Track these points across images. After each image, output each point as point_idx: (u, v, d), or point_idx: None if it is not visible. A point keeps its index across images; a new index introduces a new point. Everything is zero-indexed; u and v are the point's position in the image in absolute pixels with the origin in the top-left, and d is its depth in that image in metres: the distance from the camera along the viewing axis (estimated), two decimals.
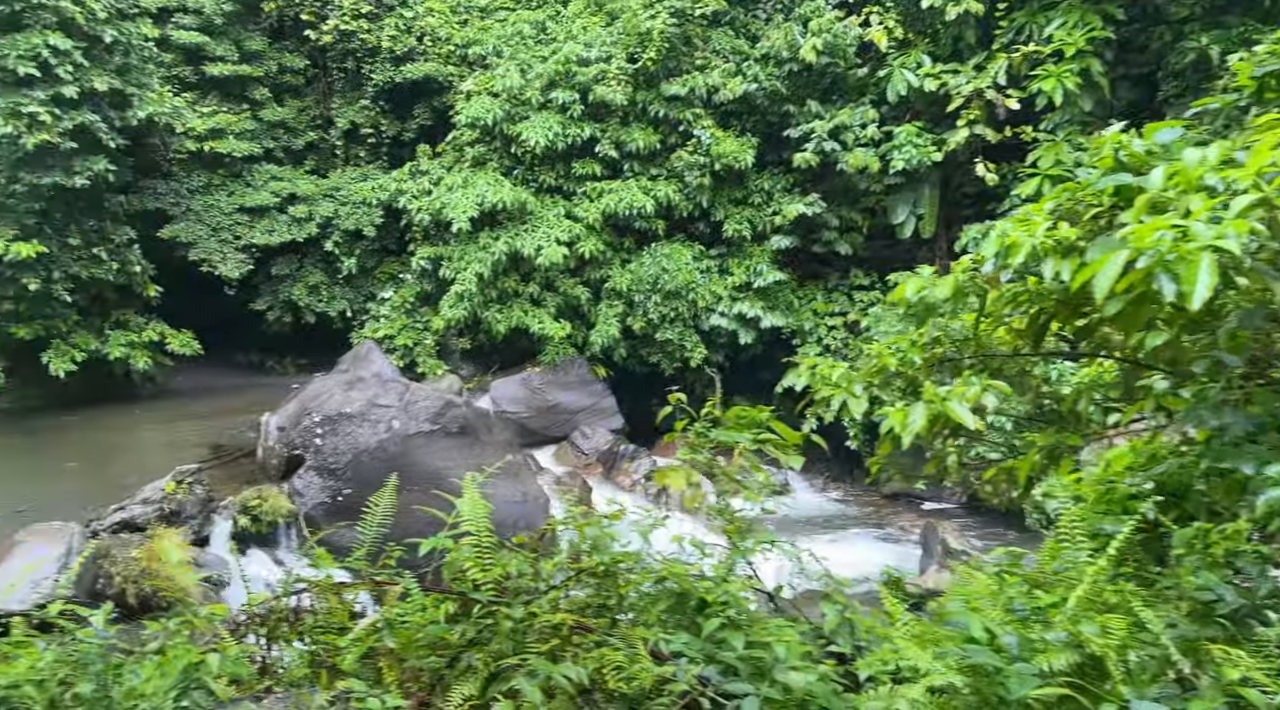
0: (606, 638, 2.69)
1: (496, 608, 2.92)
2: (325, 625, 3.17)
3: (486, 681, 2.79)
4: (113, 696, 2.60)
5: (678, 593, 2.85)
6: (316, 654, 3.12)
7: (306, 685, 2.96)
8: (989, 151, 17.43)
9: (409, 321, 18.99)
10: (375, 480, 11.13)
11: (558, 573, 3.16)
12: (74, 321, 17.08)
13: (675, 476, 3.73)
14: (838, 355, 17.91)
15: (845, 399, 5.44)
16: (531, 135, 17.62)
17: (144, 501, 9.02)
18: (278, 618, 3.21)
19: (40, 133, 14.90)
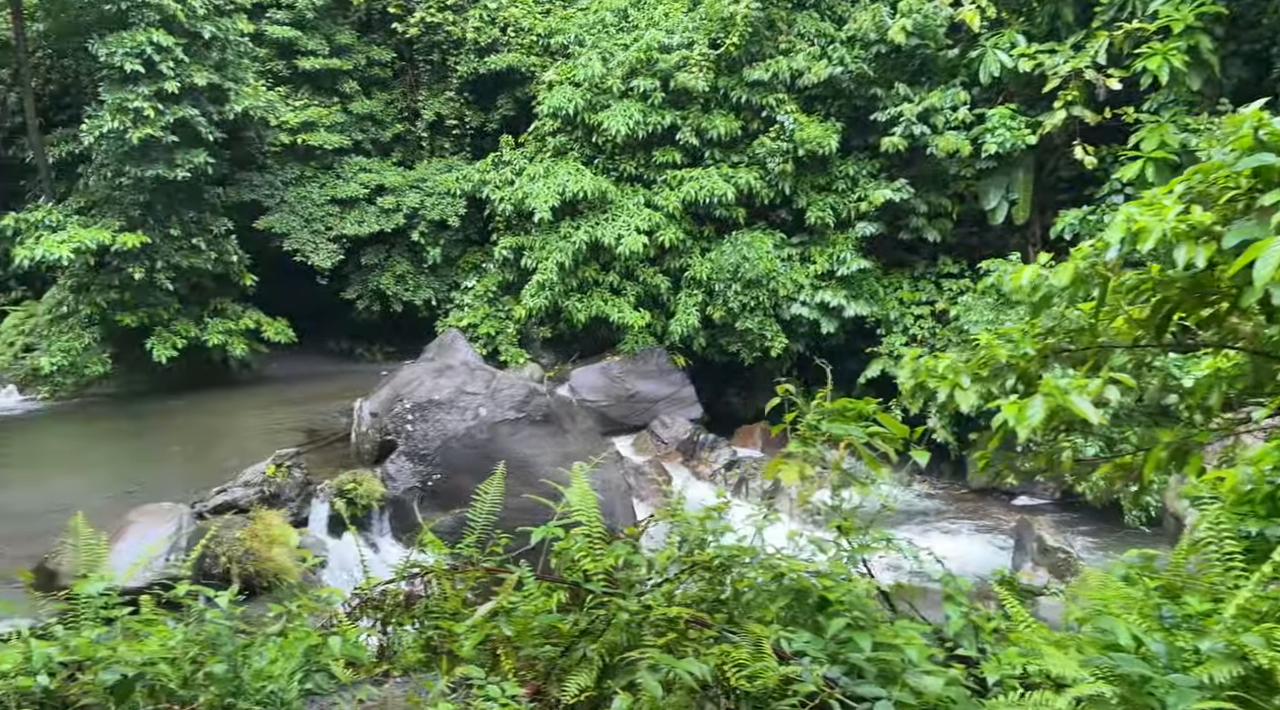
0: (726, 634, 2.63)
1: (610, 599, 2.89)
2: (440, 611, 3.19)
3: (601, 672, 2.77)
4: (243, 678, 2.66)
5: (796, 590, 2.78)
6: (431, 639, 3.15)
7: (423, 670, 2.98)
8: (1087, 134, 16.73)
9: (491, 310, 19.23)
10: (463, 466, 11.35)
11: (670, 565, 3.11)
12: (175, 309, 17.81)
13: (788, 470, 3.64)
14: (925, 345, 17.49)
15: (952, 391, 5.26)
16: (612, 124, 17.62)
17: (245, 484, 9.34)
18: (393, 603, 3.25)
19: (144, 127, 15.52)
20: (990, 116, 16.75)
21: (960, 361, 5.34)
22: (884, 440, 4.13)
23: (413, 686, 2.88)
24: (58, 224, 16.27)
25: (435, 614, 3.28)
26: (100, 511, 9.81)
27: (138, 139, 15.53)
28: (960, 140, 16.51)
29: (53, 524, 9.23)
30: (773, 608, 2.73)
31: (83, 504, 10.44)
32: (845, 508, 3.44)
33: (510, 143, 19.74)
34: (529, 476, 11.68)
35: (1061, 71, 16.24)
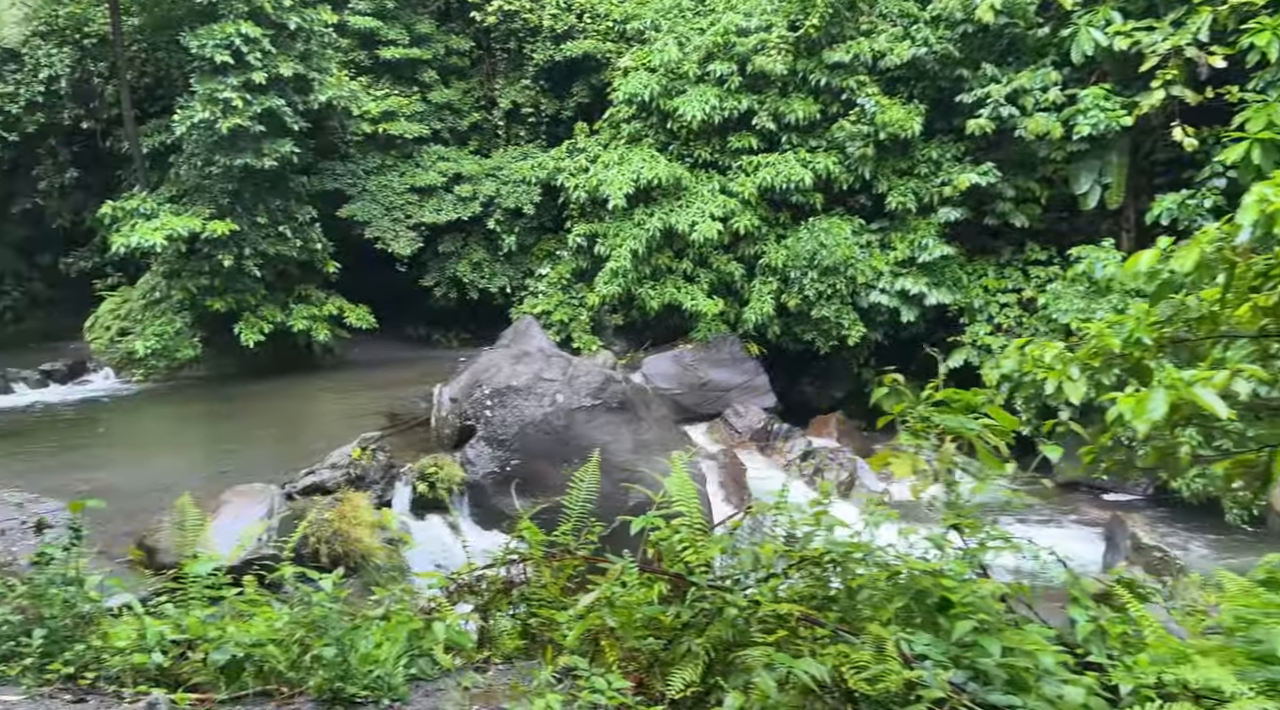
0: (841, 634, 2.52)
1: (714, 593, 2.80)
2: (538, 598, 3.14)
3: (706, 667, 2.69)
4: (350, 662, 2.66)
5: (915, 590, 2.65)
6: (529, 626, 3.11)
7: (523, 658, 2.95)
8: (1186, 114, 15.93)
9: (565, 297, 19.30)
10: (541, 452, 11.40)
11: (776, 560, 3.01)
12: (262, 295, 18.31)
13: (900, 463, 3.50)
14: (1010, 334, 16.93)
15: (1060, 383, 5.02)
16: (688, 109, 17.45)
17: (332, 466, 9.54)
18: (495, 590, 3.22)
19: (233, 117, 15.95)
20: (1083, 97, 16.07)
21: (1068, 351, 5.08)
22: (995, 433, 3.96)
23: (515, 674, 2.85)
24: (151, 212, 16.86)
25: (534, 601, 3.24)
26: (195, 491, 10.15)
27: (227, 129, 15.97)
28: (1051, 122, 15.89)
29: (151, 502, 9.58)
30: (890, 608, 2.61)
31: (178, 483, 10.83)
32: (957, 503, 3.28)
33: (585, 130, 19.73)
34: (605, 464, 11.65)
35: (1160, 49, 15.49)
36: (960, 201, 16.97)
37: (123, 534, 8.36)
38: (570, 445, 11.29)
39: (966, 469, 3.46)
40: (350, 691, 2.60)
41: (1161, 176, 17.09)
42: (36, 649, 3.02)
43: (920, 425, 3.60)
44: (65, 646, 3.03)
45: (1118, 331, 5.06)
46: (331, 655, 2.62)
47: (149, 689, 2.75)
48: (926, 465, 3.50)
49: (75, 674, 2.90)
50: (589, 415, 11.37)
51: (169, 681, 2.83)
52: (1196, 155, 16.01)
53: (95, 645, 2.95)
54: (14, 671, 2.95)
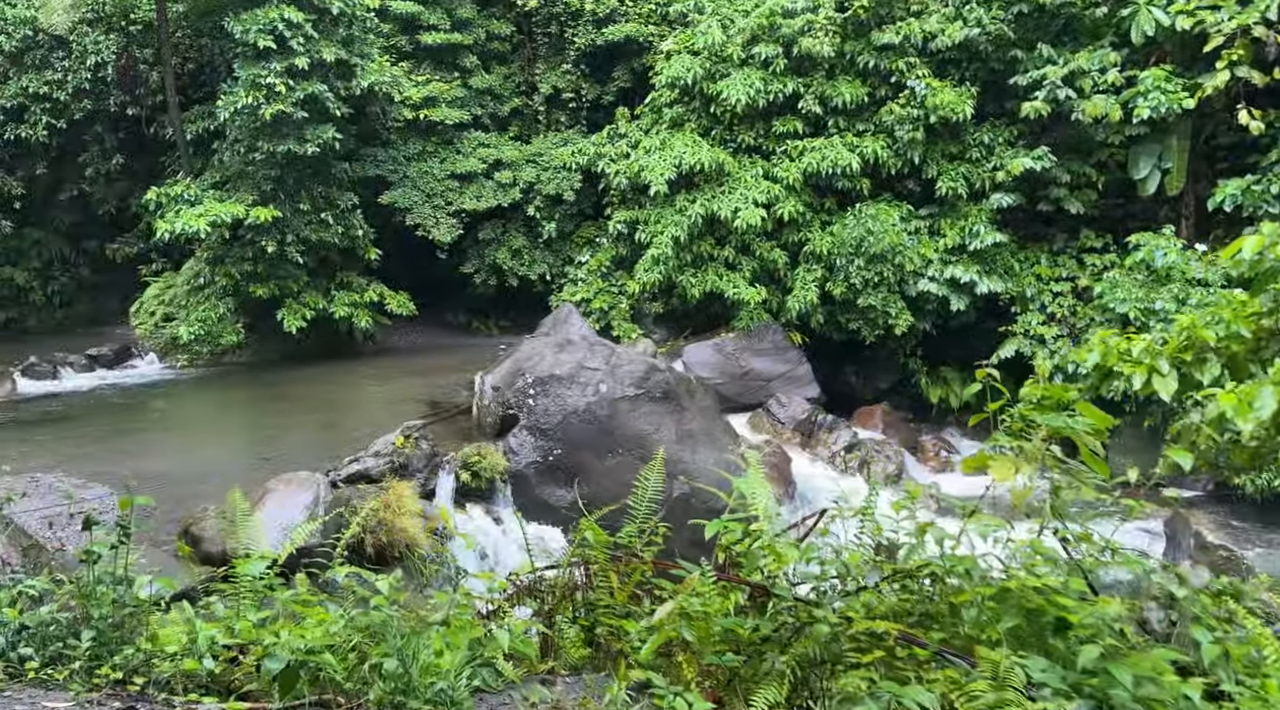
0: (950, 657, 2.30)
1: (799, 606, 2.59)
2: (605, 605, 2.95)
3: (793, 687, 2.47)
4: (411, 673, 2.49)
5: (1027, 609, 2.41)
6: (596, 635, 2.92)
7: (589, 669, 2.75)
8: (1251, 97, 15.31)
9: (604, 285, 19.11)
10: (584, 442, 11.23)
11: (868, 571, 2.78)
12: (304, 282, 18.36)
13: (1001, 466, 3.25)
14: (1064, 325, 16.46)
15: (1149, 377, 4.71)
16: (732, 93, 17.12)
17: (375, 454, 9.45)
18: (560, 594, 3.03)
19: (276, 103, 15.93)
20: (1143, 79, 15.50)
21: (1157, 344, 4.77)
22: (1092, 433, 3.69)
23: (584, 689, 2.66)
24: (195, 198, 16.94)
25: (601, 609, 3.05)
26: (239, 478, 10.13)
27: (270, 115, 15.95)
28: (1110, 104, 15.35)
29: (196, 489, 9.57)
30: (997, 628, 2.38)
31: (222, 470, 10.83)
32: (1062, 510, 3.03)
33: (626, 115, 19.48)
34: (649, 455, 11.46)
35: (1225, 29, 14.88)
36: (1013, 187, 16.49)
37: (169, 522, 8.33)
38: (613, 435, 11.12)
39: (1066, 471, 3.20)
40: (412, 706, 2.43)
41: (1223, 162, 16.48)
42: (84, 651, 2.91)
43: (1019, 424, 3.33)
44: (114, 649, 2.91)
45: (1212, 323, 4.75)
46: (393, 668, 2.45)
47: (200, 698, 2.61)
48: (1027, 467, 3.24)
49: (124, 679, 2.77)
50: (632, 405, 11.19)
51: (220, 689, 2.70)
52: (1261, 139, 15.40)
53: (145, 648, 2.82)
54: (61, 675, 2.84)
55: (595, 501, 11.83)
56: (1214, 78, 15.00)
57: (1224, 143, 16.47)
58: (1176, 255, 14.63)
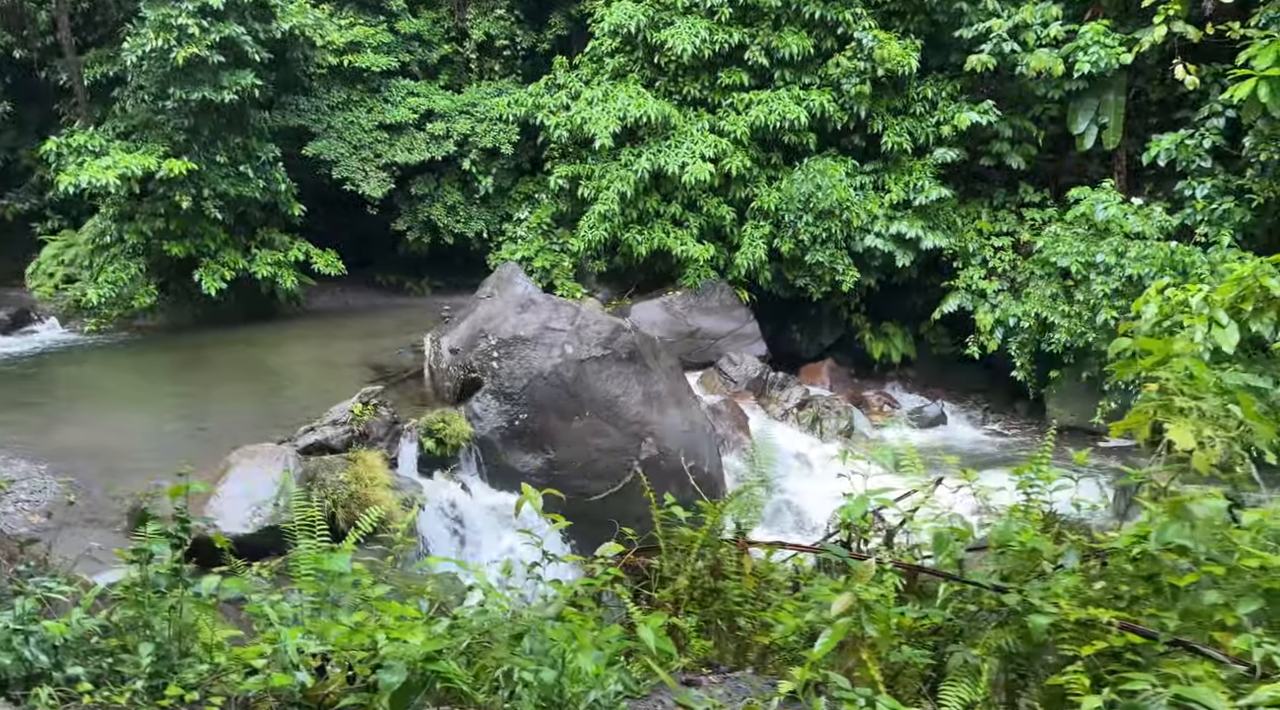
0: (1203, 649, 2.03)
1: (987, 593, 2.28)
2: (741, 595, 2.59)
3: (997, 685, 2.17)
4: (564, 684, 2.09)
5: (1266, 590, 2.14)
6: (719, 626, 2.56)
7: (727, 665, 2.40)
8: (1184, 53, 15.63)
9: (545, 243, 18.50)
10: (550, 405, 10.78)
11: (1066, 553, 2.47)
12: (222, 240, 17.19)
13: (1179, 429, 3.00)
14: (1004, 279, 16.71)
15: (1209, 327, 4.57)
16: (677, 42, 16.60)
17: (334, 423, 8.83)
18: (700, 585, 2.65)
19: (189, 46, 14.69)
20: (1083, 33, 15.66)
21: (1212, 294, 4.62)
22: None
23: (738, 690, 2.31)
24: (100, 149, 15.57)
25: (732, 598, 2.69)
26: (176, 451, 9.37)
27: (182, 59, 14.71)
28: (1053, 59, 15.45)
29: (132, 463, 8.79)
30: (1235, 612, 2.11)
31: (155, 443, 9.98)
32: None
33: (564, 64, 18.74)
34: (615, 416, 11.14)
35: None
36: (956, 141, 16.55)
37: (112, 499, 7.60)
38: (580, 398, 10.73)
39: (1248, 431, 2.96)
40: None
41: (1153, 117, 16.87)
42: (145, 669, 2.40)
43: (1182, 385, 3.07)
44: (179, 664, 2.42)
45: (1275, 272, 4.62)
46: (550, 678, 2.03)
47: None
48: (1215, 430, 2.99)
49: (201, 700, 2.30)
50: (599, 366, 10.80)
51: (311, 705, 2.25)
52: (1191, 95, 15.77)
53: (219, 661, 2.35)
54: (122, 698, 2.33)
55: (563, 466, 11.45)
56: (1151, 33, 15.23)
57: (1154, 98, 16.84)
58: (1117, 209, 14.92)
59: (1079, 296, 15.02)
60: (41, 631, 2.41)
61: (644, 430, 11.09)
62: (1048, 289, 15.43)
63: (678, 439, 11.28)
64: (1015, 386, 16.85)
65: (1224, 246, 14.14)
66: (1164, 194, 16.02)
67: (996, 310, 16.16)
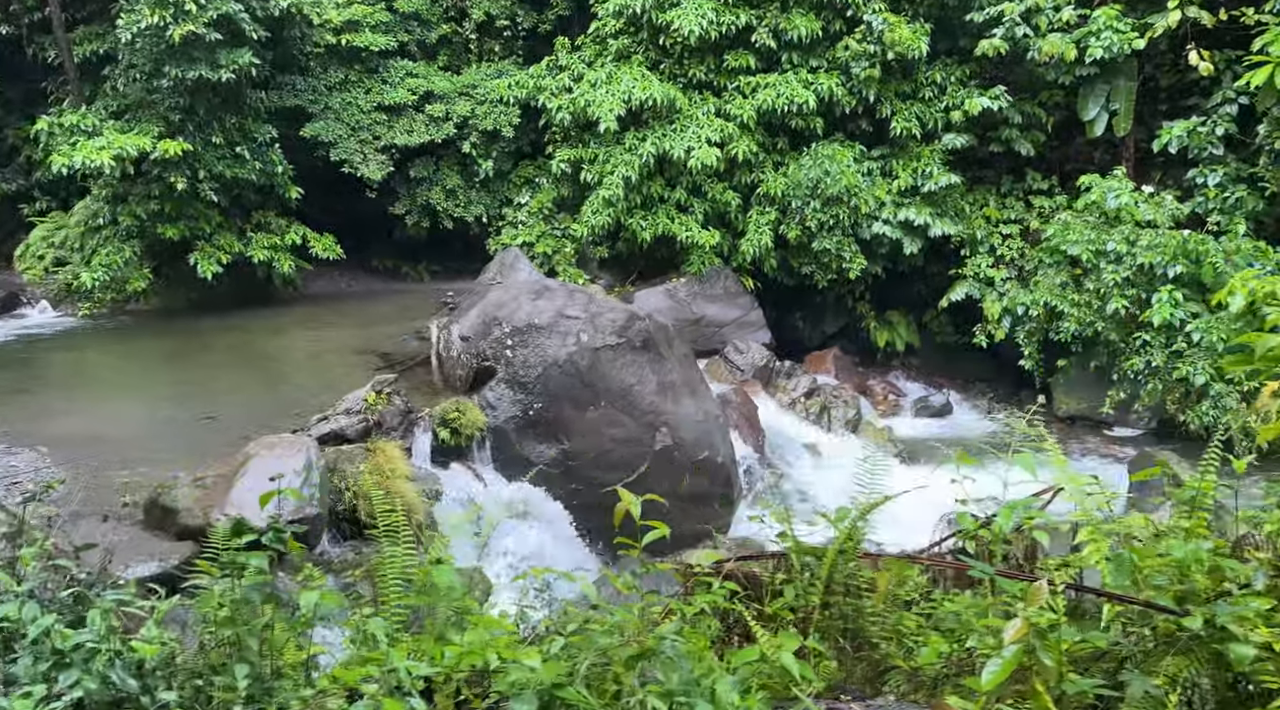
0: None
1: (1162, 616, 2.09)
2: (876, 614, 2.39)
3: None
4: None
5: None
6: (859, 648, 2.36)
7: (858, 689, 2.21)
8: (1195, 38, 15.49)
9: (547, 228, 18.20)
10: (565, 394, 10.55)
11: (1255, 573, 2.28)
12: (217, 223, 16.81)
13: None
14: (1012, 267, 16.58)
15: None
16: (684, 23, 16.30)
17: (347, 412, 8.58)
18: (823, 603, 2.45)
19: (186, 23, 14.28)
20: (1095, 18, 15.48)
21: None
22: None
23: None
24: (93, 129, 15.14)
25: (867, 616, 2.49)
26: (186, 440, 9.10)
27: (179, 36, 14.29)
28: (1065, 43, 15.27)
29: (139, 453, 8.51)
30: None
31: (162, 432, 9.69)
32: None
33: (566, 45, 18.40)
34: (630, 406, 10.93)
35: None
36: (965, 127, 16.36)
37: (121, 490, 7.33)
38: (594, 387, 10.52)
39: None
40: None
41: (1162, 104, 16.74)
42: (242, 694, 2.18)
43: None
44: (275, 687, 2.20)
45: None
46: None
47: None
48: None
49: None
50: (614, 355, 10.58)
51: None
52: (1201, 82, 15.65)
53: (322, 686, 2.13)
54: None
55: (578, 456, 11.23)
56: (1165, 18, 15.08)
57: (1164, 85, 16.70)
58: (1128, 197, 14.80)
59: (1089, 285, 14.91)
60: (127, 652, 2.19)
61: (658, 420, 10.89)
62: (1057, 277, 15.31)
63: (692, 429, 11.10)
64: (1021, 375, 16.76)
65: (1238, 235, 14.05)
66: (1173, 182, 15.93)
67: (1004, 299, 16.03)
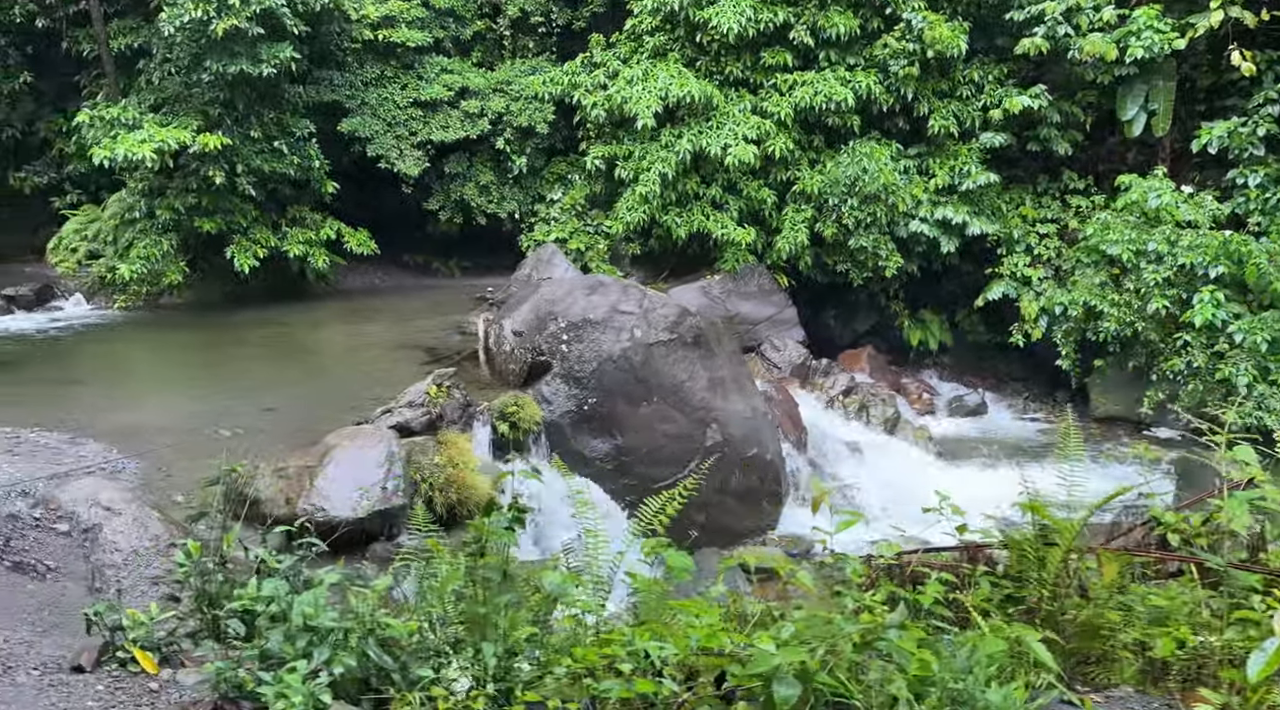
0: None
1: None
2: (1098, 603, 2.38)
3: None
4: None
5: None
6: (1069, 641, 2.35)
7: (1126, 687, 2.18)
8: (1239, 38, 15.44)
9: (580, 225, 18.21)
10: (619, 390, 10.56)
11: None
12: (253, 217, 16.85)
13: None
14: (1049, 266, 16.55)
15: None
16: (722, 21, 16.28)
17: (410, 404, 8.59)
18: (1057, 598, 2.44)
19: (230, 17, 14.31)
20: (1135, 17, 15.44)
21: None
22: None
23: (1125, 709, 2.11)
24: (133, 122, 15.18)
25: (1094, 606, 2.47)
26: (251, 430, 9.11)
27: (222, 30, 14.32)
28: (1106, 43, 15.23)
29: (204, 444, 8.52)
30: None
31: (219, 424, 9.71)
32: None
33: (601, 42, 18.39)
34: (682, 402, 10.93)
35: None
36: (1003, 126, 16.32)
37: (193, 481, 7.35)
38: (648, 383, 10.53)
39: None
40: None
41: (1200, 104, 16.69)
42: (491, 671, 2.16)
43: None
44: (514, 666, 2.19)
45: None
46: (994, 701, 1.81)
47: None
48: None
49: (561, 706, 2.08)
50: (666, 350, 10.59)
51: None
52: (1240, 82, 15.60)
53: (569, 665, 2.13)
54: (478, 705, 2.10)
55: (630, 452, 11.22)
56: (1207, 17, 15.03)
57: (1202, 85, 16.65)
58: (1170, 196, 14.76)
59: (1128, 285, 14.88)
60: (378, 629, 2.19)
61: (709, 416, 10.90)
62: (1096, 277, 15.28)
63: (741, 425, 11.10)
64: (1055, 375, 16.74)
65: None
66: (1212, 182, 15.89)
67: (1041, 298, 16.00)
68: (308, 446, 7.13)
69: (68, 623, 4.17)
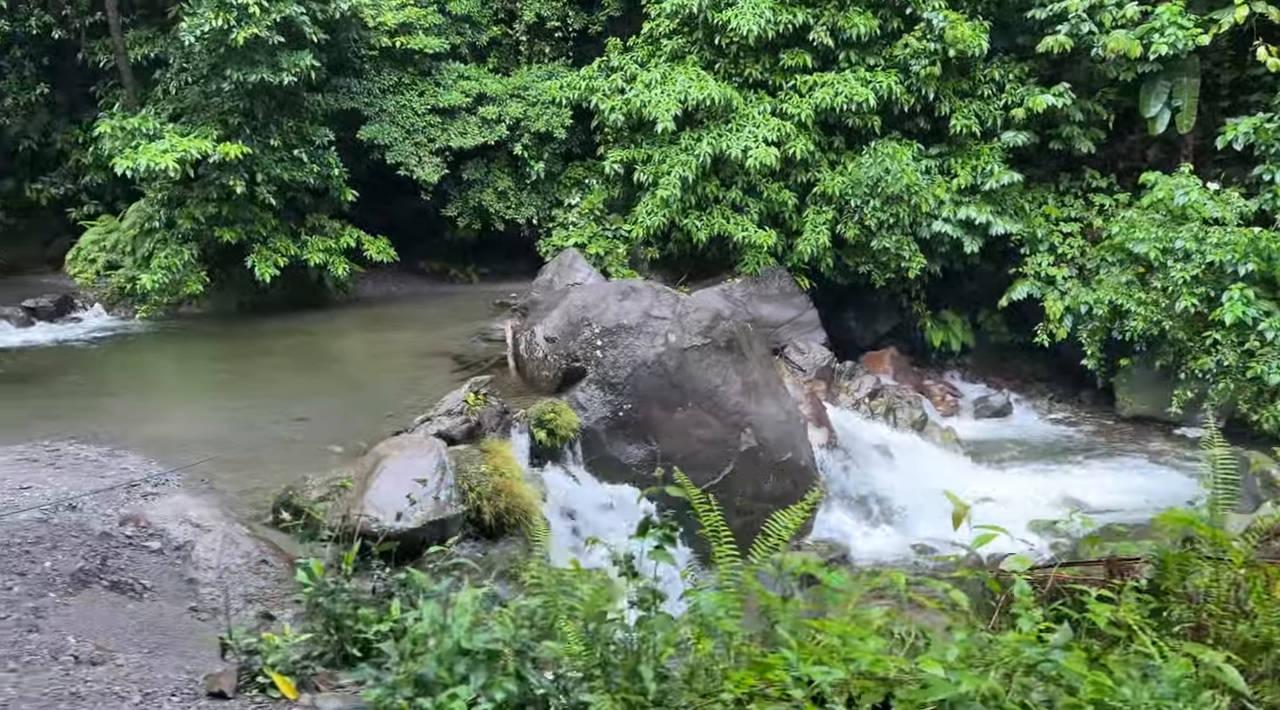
0: None
1: None
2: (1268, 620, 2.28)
3: None
4: None
5: None
6: None
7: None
8: (1263, 33, 15.34)
9: (598, 229, 18.13)
10: (653, 395, 10.48)
11: None
12: (273, 226, 16.81)
13: None
14: (1073, 265, 16.44)
15: None
16: (741, 22, 16.21)
17: (449, 413, 8.51)
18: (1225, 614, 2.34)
19: (250, 26, 14.27)
20: (1158, 14, 15.35)
21: None
22: None
23: None
24: (154, 132, 15.15)
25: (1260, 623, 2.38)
26: (285, 442, 9.05)
27: (242, 39, 14.28)
28: (1131, 40, 15.13)
29: (242, 455, 8.47)
30: None
31: (254, 435, 9.63)
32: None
33: (618, 46, 18.34)
34: (716, 407, 10.85)
35: None
36: (1025, 125, 16.23)
37: (240, 493, 7.29)
38: (682, 388, 10.46)
39: None
40: None
41: (1224, 100, 16.59)
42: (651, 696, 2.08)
43: None
44: (673, 690, 2.12)
45: None
46: None
47: None
48: None
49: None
50: (700, 355, 10.52)
51: None
52: (1263, 78, 15.51)
53: (728, 690, 2.05)
54: None
55: (666, 458, 11.15)
56: (1231, 13, 14.94)
57: (1225, 81, 16.55)
58: (1197, 194, 14.65)
59: (1155, 283, 14.77)
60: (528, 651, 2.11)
61: (743, 421, 10.82)
62: (1121, 276, 15.18)
63: (774, 429, 11.02)
64: (1079, 375, 16.64)
65: None
66: (1236, 179, 15.78)
67: (1066, 297, 15.90)
68: (355, 457, 7.07)
69: (172, 644, 4.11)
